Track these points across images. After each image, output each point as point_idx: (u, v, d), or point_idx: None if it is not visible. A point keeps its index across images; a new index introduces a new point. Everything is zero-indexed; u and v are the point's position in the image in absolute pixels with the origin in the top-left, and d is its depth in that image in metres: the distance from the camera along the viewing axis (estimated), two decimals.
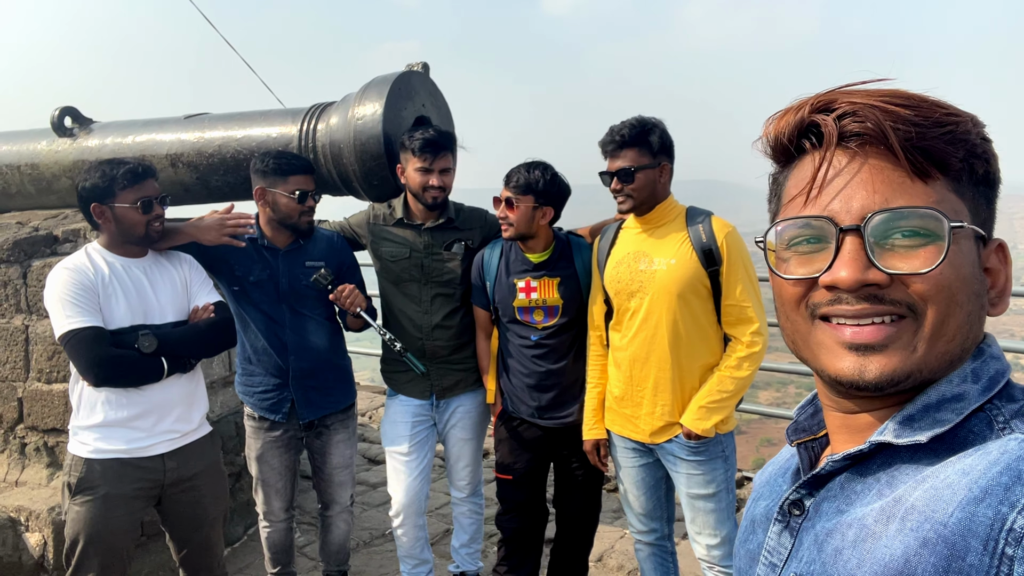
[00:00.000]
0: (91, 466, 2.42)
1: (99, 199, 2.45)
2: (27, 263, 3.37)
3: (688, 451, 2.48)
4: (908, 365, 0.67)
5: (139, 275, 2.53)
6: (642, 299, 2.50)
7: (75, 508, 2.43)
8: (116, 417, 2.43)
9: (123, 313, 2.44)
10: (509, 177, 2.76)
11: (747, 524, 0.88)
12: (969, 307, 0.68)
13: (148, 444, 2.48)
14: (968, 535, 0.57)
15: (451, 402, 3.05)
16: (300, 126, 3.20)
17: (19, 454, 3.46)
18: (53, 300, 2.38)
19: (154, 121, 3.61)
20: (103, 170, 2.46)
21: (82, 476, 2.41)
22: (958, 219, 0.66)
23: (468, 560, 3.21)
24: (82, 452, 2.43)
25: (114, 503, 2.42)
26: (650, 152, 2.47)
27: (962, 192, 0.68)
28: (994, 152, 0.70)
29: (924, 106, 0.67)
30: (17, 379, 3.40)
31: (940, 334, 0.67)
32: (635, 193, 2.48)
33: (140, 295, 2.49)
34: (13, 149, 3.81)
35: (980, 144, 0.68)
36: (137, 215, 2.47)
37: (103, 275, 2.45)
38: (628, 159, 2.47)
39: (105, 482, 2.42)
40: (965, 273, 0.67)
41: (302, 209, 2.81)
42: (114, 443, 2.43)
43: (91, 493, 2.41)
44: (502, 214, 2.75)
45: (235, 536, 3.87)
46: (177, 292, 2.60)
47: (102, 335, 2.36)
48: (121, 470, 2.44)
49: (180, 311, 2.59)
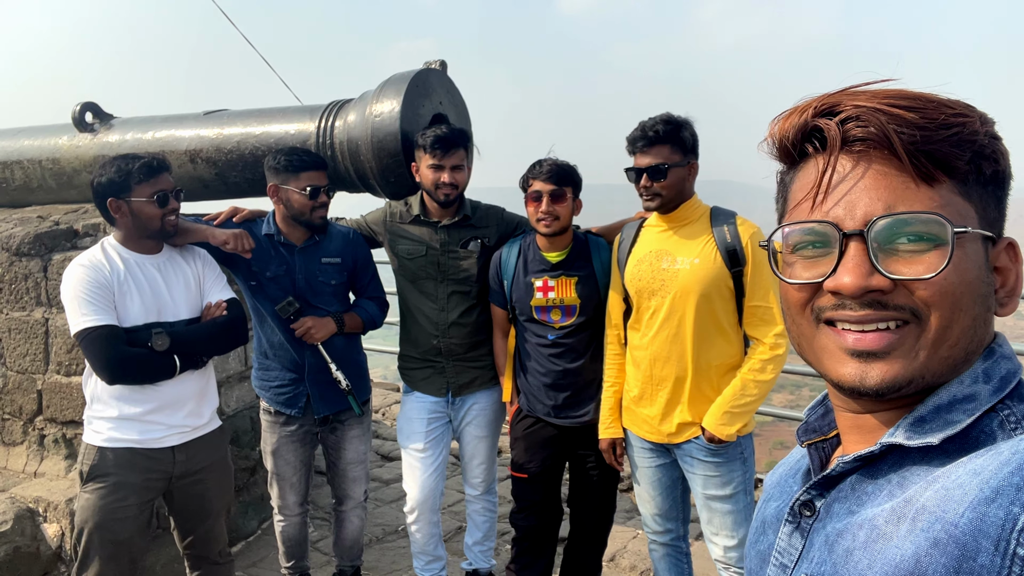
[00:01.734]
0: (104, 454, 2.45)
1: (115, 194, 2.47)
2: (48, 256, 3.40)
3: (706, 452, 2.47)
4: (909, 371, 0.67)
5: (153, 272, 2.54)
6: (663, 298, 2.48)
7: (85, 495, 2.46)
8: (130, 412, 2.46)
9: (137, 311, 2.46)
10: (542, 170, 2.68)
11: (758, 525, 0.88)
12: (974, 311, 0.67)
13: (160, 436, 2.51)
14: (979, 535, 0.56)
15: (467, 400, 3.05)
16: (318, 123, 3.21)
17: (38, 446, 3.50)
18: (69, 297, 2.40)
19: (173, 117, 3.64)
20: (118, 165, 2.47)
21: (95, 463, 2.45)
22: (963, 223, 0.66)
23: (481, 558, 3.21)
24: (96, 440, 2.47)
25: (124, 491, 2.45)
26: (682, 150, 2.44)
27: (969, 194, 0.67)
28: (1004, 150, 0.69)
29: (930, 107, 0.66)
30: (37, 371, 3.44)
31: (943, 340, 0.66)
32: (665, 191, 2.44)
33: (155, 292, 2.51)
34: (35, 144, 3.85)
35: (988, 144, 0.67)
36: (153, 209, 2.49)
37: (119, 272, 2.46)
38: (660, 156, 2.42)
39: (117, 470, 2.45)
40: (970, 277, 0.67)
41: (314, 205, 2.83)
42: (127, 433, 2.46)
43: (102, 481, 2.44)
44: (548, 208, 2.66)
45: (250, 530, 3.90)
46: (191, 289, 2.62)
47: (116, 334, 2.39)
48: (132, 459, 2.47)
49: (194, 308, 2.61)
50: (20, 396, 3.50)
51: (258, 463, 3.71)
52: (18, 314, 3.45)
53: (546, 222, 2.68)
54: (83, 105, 3.73)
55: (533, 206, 2.70)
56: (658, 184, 2.43)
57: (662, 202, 2.47)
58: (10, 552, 3.02)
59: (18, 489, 3.31)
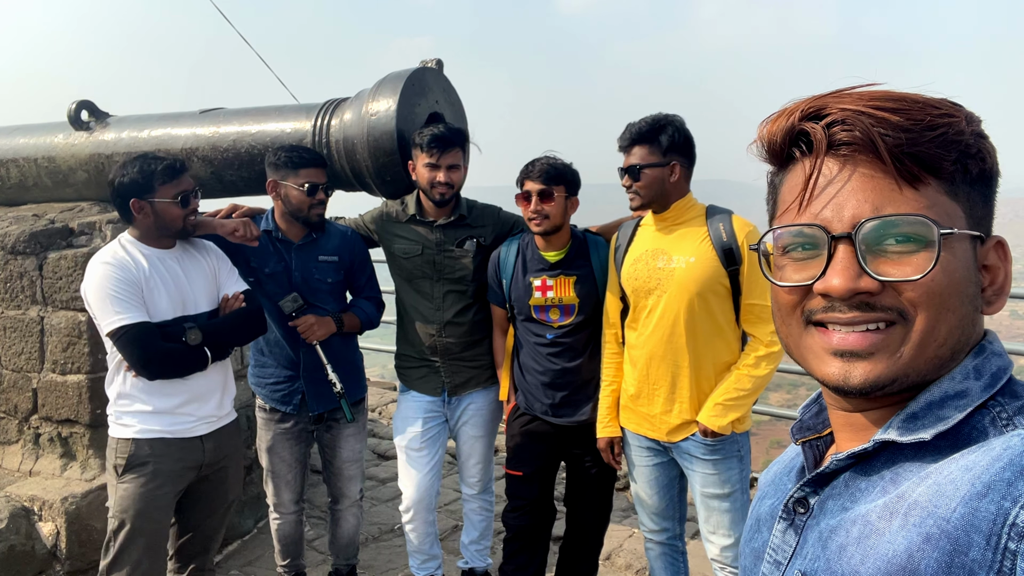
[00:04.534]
0: (139, 445, 2.48)
1: (138, 194, 2.48)
2: (43, 255, 3.39)
3: (704, 450, 2.47)
4: (893, 371, 0.68)
5: (174, 266, 2.57)
6: (660, 297, 2.49)
7: (123, 486, 2.47)
8: (163, 405, 2.50)
9: (166, 306, 2.50)
10: (533, 169, 2.69)
11: (752, 523, 0.89)
12: (961, 311, 0.68)
13: (189, 426, 2.55)
14: (971, 530, 0.57)
15: (463, 399, 3.05)
16: (314, 121, 3.21)
17: (33, 444, 3.49)
18: (99, 296, 2.41)
19: (169, 115, 3.63)
20: (140, 165, 2.49)
21: (132, 454, 2.47)
22: (950, 223, 0.67)
23: (477, 556, 3.21)
24: (128, 433, 2.49)
25: (162, 479, 2.49)
26: (659, 151, 2.46)
27: (956, 193, 0.68)
28: (990, 148, 0.70)
29: (915, 109, 0.66)
30: (32, 370, 3.43)
31: (930, 340, 0.67)
32: (642, 191, 2.49)
33: (178, 287, 2.55)
34: (31, 142, 3.84)
35: (974, 143, 0.68)
36: (177, 209, 2.52)
37: (143, 269, 2.49)
38: (637, 157, 2.48)
39: (154, 459, 2.48)
40: (958, 278, 0.67)
41: (312, 202, 2.84)
42: (158, 424, 2.50)
43: (141, 470, 2.47)
44: (536, 207, 2.67)
45: (245, 528, 3.90)
46: (208, 282, 2.66)
47: (152, 330, 2.42)
48: (167, 448, 2.51)
49: (212, 300, 2.66)
50: (15, 394, 3.49)
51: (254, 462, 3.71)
52: (13, 313, 3.45)
53: (536, 221, 2.69)
54: (79, 103, 3.72)
55: (524, 205, 2.72)
56: (636, 184, 2.48)
57: (642, 202, 2.52)
58: (5, 551, 3.02)
59: (13, 488, 3.30)
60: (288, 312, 2.84)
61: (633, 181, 2.49)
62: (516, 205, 2.78)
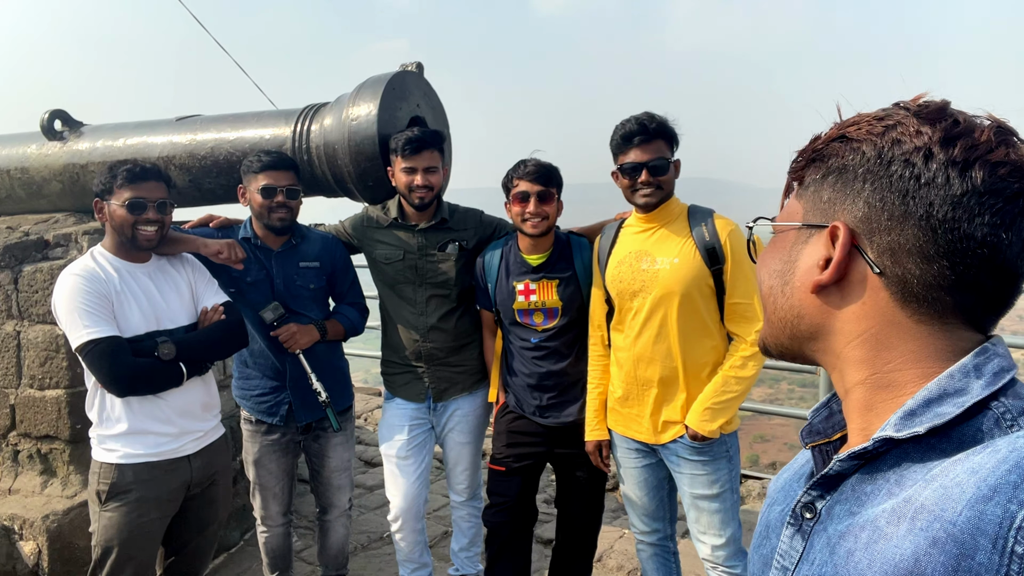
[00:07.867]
0: (122, 471, 2.40)
1: (100, 195, 2.46)
2: (18, 268, 3.33)
3: (692, 451, 2.47)
4: (762, 336, 0.86)
5: (146, 281, 2.51)
6: (644, 298, 2.48)
7: (107, 515, 2.40)
8: (142, 425, 2.43)
9: (138, 320, 2.42)
10: (528, 170, 2.66)
11: (761, 529, 0.89)
12: (770, 283, 0.83)
13: (176, 447, 2.49)
14: (977, 533, 0.57)
15: (449, 405, 3.03)
16: (294, 127, 3.17)
17: (12, 462, 3.42)
18: (67, 308, 2.33)
19: (145, 124, 3.58)
20: (112, 167, 2.47)
21: (114, 481, 2.40)
22: (790, 219, 0.81)
23: (467, 563, 3.19)
24: (111, 458, 2.41)
25: (148, 506, 2.43)
26: (672, 146, 2.47)
27: (802, 195, 0.81)
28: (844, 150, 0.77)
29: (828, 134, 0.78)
30: (9, 386, 3.37)
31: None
32: (665, 185, 2.45)
33: (151, 301, 2.48)
34: (2, 153, 3.77)
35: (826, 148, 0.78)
36: (124, 214, 2.42)
37: (114, 281, 2.42)
38: (659, 151, 2.41)
39: (138, 486, 2.41)
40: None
41: (270, 205, 2.76)
42: (143, 447, 2.43)
43: (124, 498, 2.40)
44: (536, 209, 2.64)
45: (232, 541, 3.84)
46: (184, 295, 2.59)
47: (122, 345, 2.34)
48: (152, 473, 2.43)
49: (190, 314, 2.59)
50: None
51: (239, 473, 3.66)
52: None
53: (533, 222, 2.67)
54: (52, 113, 3.65)
55: (520, 206, 2.68)
56: (661, 178, 2.43)
57: (662, 196, 2.46)
58: None
59: None
60: (269, 321, 2.79)
61: (656, 176, 2.42)
62: (505, 207, 2.77)
